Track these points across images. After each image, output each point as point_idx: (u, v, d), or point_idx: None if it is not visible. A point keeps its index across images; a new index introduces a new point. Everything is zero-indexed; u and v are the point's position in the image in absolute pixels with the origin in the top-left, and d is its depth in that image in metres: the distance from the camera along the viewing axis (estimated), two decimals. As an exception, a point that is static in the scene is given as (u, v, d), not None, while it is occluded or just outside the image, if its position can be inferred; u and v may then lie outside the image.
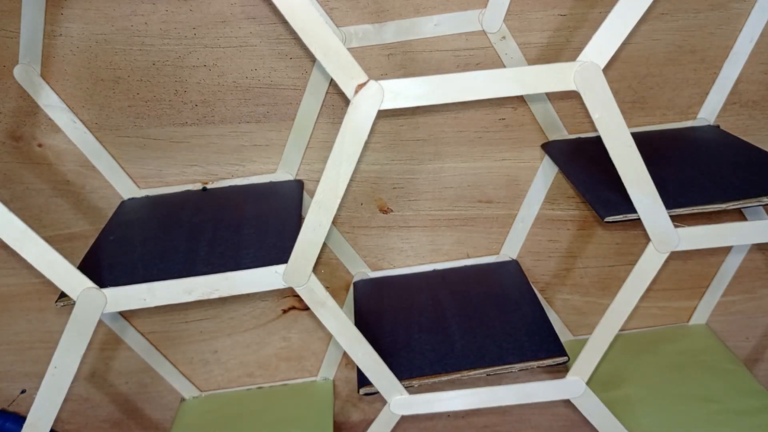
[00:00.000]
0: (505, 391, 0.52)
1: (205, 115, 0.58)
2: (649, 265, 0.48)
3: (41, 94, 0.55)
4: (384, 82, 0.40)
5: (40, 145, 0.58)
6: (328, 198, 0.43)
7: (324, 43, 0.39)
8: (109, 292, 0.45)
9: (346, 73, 0.40)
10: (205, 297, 0.46)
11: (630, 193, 0.45)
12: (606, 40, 0.40)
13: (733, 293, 0.71)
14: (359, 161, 0.61)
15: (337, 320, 0.49)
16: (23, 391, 0.71)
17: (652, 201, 0.45)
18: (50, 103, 0.55)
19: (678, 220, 0.47)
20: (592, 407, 0.53)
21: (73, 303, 0.45)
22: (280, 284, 0.46)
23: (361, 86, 0.40)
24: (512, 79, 0.41)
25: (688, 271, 0.70)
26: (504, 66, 0.57)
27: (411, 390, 0.52)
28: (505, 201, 0.64)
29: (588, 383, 0.53)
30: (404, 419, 0.75)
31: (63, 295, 0.46)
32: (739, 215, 0.66)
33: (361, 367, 0.50)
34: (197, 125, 0.58)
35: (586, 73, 0.40)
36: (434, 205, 0.64)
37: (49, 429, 0.48)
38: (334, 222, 0.64)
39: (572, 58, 0.57)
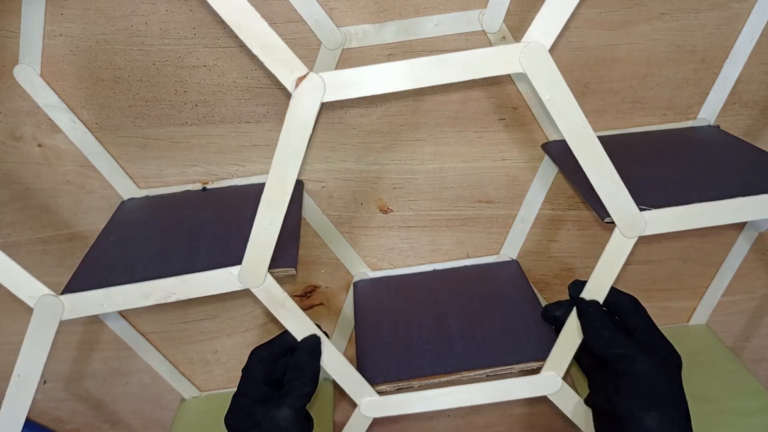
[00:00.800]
0: (479, 389, 0.51)
1: (205, 115, 0.58)
2: (616, 251, 0.47)
3: (41, 94, 0.55)
4: (325, 74, 0.39)
5: (40, 145, 0.58)
6: (277, 195, 0.42)
7: (261, 38, 0.38)
8: (66, 298, 0.45)
9: (286, 66, 0.39)
10: (163, 300, 0.46)
11: (589, 177, 0.43)
12: (550, 20, 0.39)
13: (733, 293, 0.71)
14: (359, 161, 0.61)
15: (298, 321, 0.48)
16: (23, 391, 0.71)
17: (611, 183, 0.44)
18: (50, 103, 0.55)
19: (678, 220, 0.47)
20: (570, 403, 0.52)
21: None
22: (236, 286, 0.46)
23: (301, 79, 0.39)
24: (458, 64, 0.40)
25: (688, 271, 0.70)
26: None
27: (408, 390, 0.52)
28: (505, 201, 0.64)
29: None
30: (405, 419, 0.76)
31: (64, 292, 0.46)
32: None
33: (328, 370, 0.50)
34: (197, 125, 0.58)
35: (531, 54, 0.40)
36: (434, 205, 0.64)
37: None
38: (334, 222, 0.64)
39: (572, 57, 0.57)
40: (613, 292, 0.49)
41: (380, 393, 0.52)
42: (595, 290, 0.49)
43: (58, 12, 0.52)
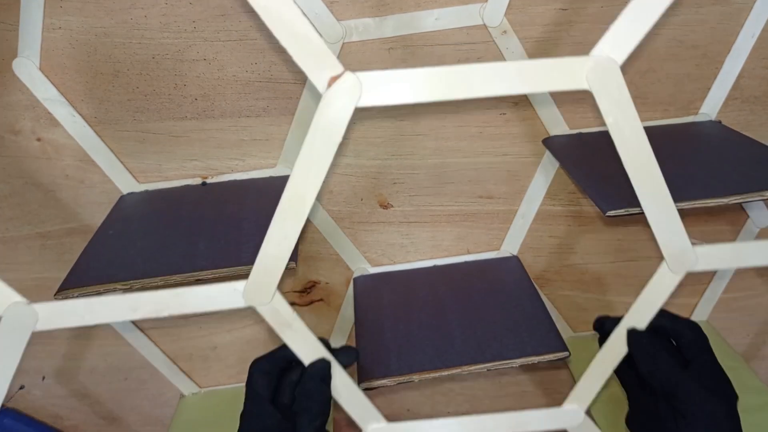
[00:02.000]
0: (495, 419, 0.46)
1: (204, 109, 0.57)
2: (661, 286, 0.42)
3: (40, 87, 0.55)
4: (362, 75, 0.33)
5: (39, 140, 0.58)
6: (296, 207, 0.36)
7: (291, 26, 0.32)
8: (41, 307, 0.39)
9: (318, 62, 0.33)
10: (153, 315, 0.40)
11: (644, 207, 0.39)
12: (626, 33, 0.33)
13: (734, 290, 0.71)
14: (360, 156, 0.61)
15: (307, 343, 0.43)
16: (22, 387, 0.70)
17: (668, 217, 0.39)
18: (49, 96, 0.55)
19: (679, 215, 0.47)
20: None
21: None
22: (240, 303, 0.40)
23: (335, 78, 0.33)
24: (514, 76, 0.34)
25: (689, 267, 0.70)
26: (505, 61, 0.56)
27: (411, 385, 0.51)
28: (505, 196, 0.64)
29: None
30: (404, 417, 0.75)
31: (62, 288, 0.46)
32: (740, 210, 0.66)
33: (334, 394, 0.45)
34: (197, 119, 0.58)
35: (601, 70, 0.34)
36: (435, 200, 0.64)
37: None
38: (334, 218, 0.64)
39: (574, 52, 0.57)
40: (672, 317, 0.46)
41: (380, 387, 0.51)
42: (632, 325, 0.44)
43: (58, 5, 0.52)
